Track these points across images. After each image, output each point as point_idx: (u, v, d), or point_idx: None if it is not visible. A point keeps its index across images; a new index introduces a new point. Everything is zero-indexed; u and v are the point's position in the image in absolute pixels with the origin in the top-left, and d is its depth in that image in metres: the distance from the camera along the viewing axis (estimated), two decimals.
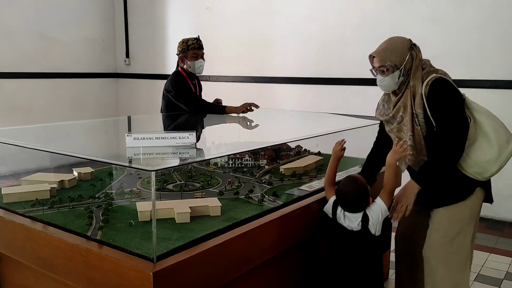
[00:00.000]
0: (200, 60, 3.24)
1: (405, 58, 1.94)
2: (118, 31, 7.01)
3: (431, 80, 1.91)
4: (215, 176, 2.43)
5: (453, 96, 1.91)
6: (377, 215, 1.92)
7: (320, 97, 5.19)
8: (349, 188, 1.96)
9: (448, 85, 1.92)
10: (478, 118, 1.95)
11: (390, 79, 1.97)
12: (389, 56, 1.95)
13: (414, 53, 1.96)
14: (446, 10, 4.32)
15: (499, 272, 3.20)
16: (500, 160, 1.93)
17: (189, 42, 3.22)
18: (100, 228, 1.61)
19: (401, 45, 1.97)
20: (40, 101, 6.17)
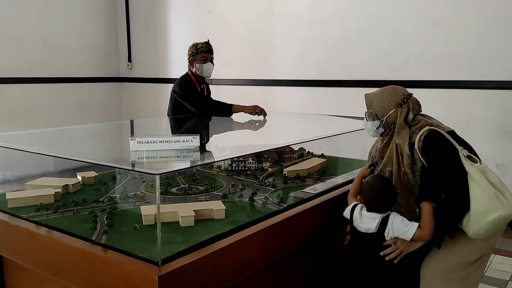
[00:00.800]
0: (208, 64, 3.26)
1: (388, 113, 1.94)
2: (121, 36, 7.04)
3: (424, 135, 1.87)
4: (219, 179, 2.43)
5: (446, 150, 1.85)
6: (398, 227, 1.83)
7: (322, 99, 5.19)
8: (379, 183, 1.91)
9: (440, 139, 1.86)
10: (469, 184, 1.81)
11: (370, 125, 2.00)
12: (374, 105, 1.97)
13: (401, 110, 1.92)
14: (448, 12, 4.32)
15: (505, 274, 3.19)
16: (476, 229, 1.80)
17: (199, 46, 3.27)
18: (105, 232, 1.62)
19: (390, 98, 1.95)
20: (45, 106, 6.19)
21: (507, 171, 4.23)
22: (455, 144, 1.85)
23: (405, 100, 1.94)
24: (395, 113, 1.93)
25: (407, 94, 1.97)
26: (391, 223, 1.84)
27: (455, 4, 4.31)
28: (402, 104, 1.93)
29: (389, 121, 1.95)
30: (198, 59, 3.25)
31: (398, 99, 1.94)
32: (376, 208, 1.89)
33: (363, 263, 1.92)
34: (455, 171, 1.81)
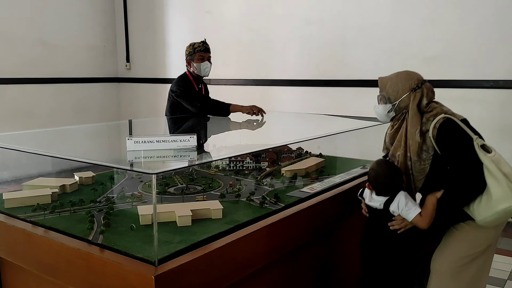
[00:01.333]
0: (206, 62, 3.28)
1: (401, 97, 1.92)
2: (119, 36, 7.04)
3: (439, 122, 1.86)
4: (217, 179, 2.43)
5: (462, 138, 1.85)
6: (401, 207, 1.88)
7: (320, 99, 5.20)
8: (384, 168, 1.95)
9: (456, 127, 1.86)
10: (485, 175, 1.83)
11: (381, 108, 1.99)
12: (387, 88, 1.96)
13: (414, 95, 1.91)
14: (446, 10, 4.32)
15: (503, 273, 3.19)
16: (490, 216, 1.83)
17: (196, 45, 3.29)
18: (102, 232, 1.61)
19: (405, 82, 1.93)
20: (43, 106, 6.19)
21: None
22: (469, 133, 1.85)
23: (420, 85, 1.92)
24: (408, 98, 1.91)
25: (422, 80, 1.95)
26: (397, 202, 1.89)
27: (453, 3, 4.31)
28: (416, 89, 1.91)
29: (401, 105, 1.93)
30: (196, 59, 3.26)
31: (412, 84, 1.92)
32: (384, 192, 1.94)
33: (373, 237, 2.01)
34: (471, 159, 1.81)
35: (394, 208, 1.91)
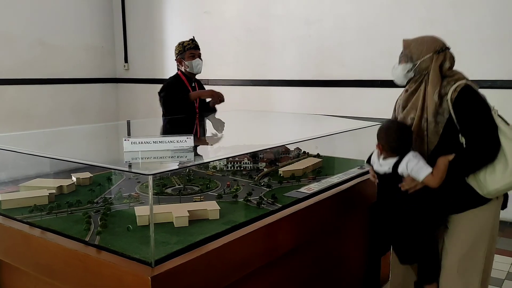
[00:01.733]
0: (197, 59, 3.29)
1: (424, 56, 1.92)
2: (117, 37, 7.04)
3: (460, 87, 1.86)
4: (214, 180, 2.43)
5: (481, 103, 1.88)
6: (411, 166, 1.87)
7: (318, 99, 5.20)
8: (394, 124, 1.97)
9: (476, 94, 1.89)
10: (502, 141, 1.85)
11: (400, 68, 1.99)
12: (411, 46, 1.97)
13: (437, 57, 1.91)
14: (444, 11, 4.33)
15: (501, 273, 3.19)
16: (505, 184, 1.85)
17: (185, 43, 3.29)
18: (99, 233, 1.61)
19: (430, 43, 1.95)
20: (41, 107, 6.18)
21: None
22: (488, 103, 1.88)
23: (444, 48, 1.94)
24: (430, 59, 1.92)
25: (446, 45, 1.97)
26: (406, 163, 1.88)
27: (451, 4, 4.32)
28: (439, 52, 1.92)
29: (422, 66, 1.93)
30: (186, 57, 3.27)
31: (437, 46, 1.94)
32: (396, 149, 1.91)
33: (386, 204, 2.02)
34: (488, 123, 1.83)
35: (402, 169, 1.88)
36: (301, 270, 2.12)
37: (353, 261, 2.52)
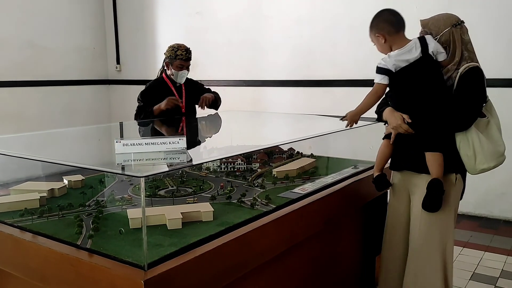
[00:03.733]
0: (184, 71, 3.27)
1: (443, 31, 2.03)
2: (109, 38, 6.99)
3: (472, 66, 1.98)
4: (208, 181, 2.41)
5: (482, 85, 2.00)
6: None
7: (311, 99, 5.20)
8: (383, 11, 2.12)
9: (482, 79, 2.01)
10: (491, 121, 2.03)
11: None
12: (429, 24, 2.08)
13: (455, 30, 2.02)
14: (436, 10, 4.32)
15: (494, 271, 3.21)
16: (490, 164, 2.00)
17: (178, 52, 3.23)
18: (90, 237, 1.59)
19: (446, 18, 2.07)
20: (32, 109, 6.13)
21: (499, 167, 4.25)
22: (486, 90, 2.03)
23: (460, 22, 2.05)
24: (449, 32, 2.02)
25: (460, 20, 2.07)
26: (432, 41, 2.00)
27: (443, 2, 4.33)
28: (456, 25, 2.03)
29: (442, 39, 2.03)
30: (175, 65, 3.24)
31: (453, 20, 2.05)
32: (398, 22, 2.03)
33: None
34: (478, 99, 1.99)
35: (433, 48, 1.99)
36: (296, 271, 2.11)
37: (348, 260, 2.51)
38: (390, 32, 2.03)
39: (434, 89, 2.00)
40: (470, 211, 4.44)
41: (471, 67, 1.98)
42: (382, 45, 2.07)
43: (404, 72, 1.99)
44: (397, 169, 2.21)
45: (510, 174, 4.21)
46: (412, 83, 2.01)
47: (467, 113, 1.98)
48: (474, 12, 4.20)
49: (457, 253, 3.50)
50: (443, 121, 1.99)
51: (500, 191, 4.28)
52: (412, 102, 2.03)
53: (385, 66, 2.02)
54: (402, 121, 2.02)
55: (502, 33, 4.14)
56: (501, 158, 2.02)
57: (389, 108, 2.11)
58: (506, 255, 3.46)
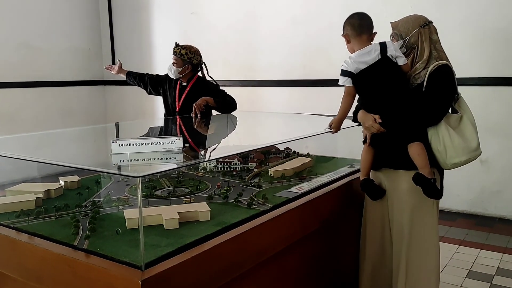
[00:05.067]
0: (170, 64, 3.42)
1: (411, 32, 2.10)
2: (104, 38, 6.98)
3: (441, 64, 2.05)
4: (204, 181, 2.41)
5: (451, 81, 2.07)
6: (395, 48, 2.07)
7: (307, 99, 5.21)
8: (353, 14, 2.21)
9: (451, 76, 2.08)
10: (464, 117, 2.08)
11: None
12: (399, 26, 2.16)
13: (424, 30, 2.09)
14: (430, 9, 4.35)
15: (490, 268, 3.22)
16: (461, 158, 2.05)
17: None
18: (87, 237, 1.59)
19: (414, 20, 2.13)
20: (28, 110, 6.10)
21: (491, 166, 4.28)
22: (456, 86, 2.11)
23: (428, 23, 2.12)
24: (418, 33, 2.10)
25: (429, 20, 2.14)
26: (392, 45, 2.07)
27: (436, 2, 4.36)
28: (424, 26, 2.10)
29: (411, 40, 2.11)
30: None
31: (421, 21, 2.12)
32: (361, 26, 2.11)
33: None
34: (448, 94, 2.05)
35: (391, 52, 2.05)
36: (293, 270, 2.11)
37: (345, 259, 2.51)
38: (352, 35, 2.13)
39: (396, 88, 2.07)
40: (465, 209, 4.46)
41: (440, 65, 2.05)
42: (347, 45, 2.19)
43: (364, 74, 2.06)
44: (376, 168, 2.24)
45: (505, 172, 4.24)
46: (373, 84, 2.07)
47: (436, 108, 2.04)
48: (466, 9, 4.23)
49: (453, 251, 3.52)
50: (413, 116, 2.04)
51: (495, 189, 4.30)
52: (376, 102, 2.09)
53: (346, 69, 2.11)
54: (374, 121, 2.06)
55: None
56: (474, 153, 2.06)
57: (362, 110, 2.16)
58: (501, 252, 3.48)
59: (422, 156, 2.03)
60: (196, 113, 3.20)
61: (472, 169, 4.28)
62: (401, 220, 2.13)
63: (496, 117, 4.22)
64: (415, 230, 2.11)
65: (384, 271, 2.26)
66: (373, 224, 2.27)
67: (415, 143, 2.04)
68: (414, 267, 2.12)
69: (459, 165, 2.06)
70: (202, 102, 3.24)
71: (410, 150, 2.05)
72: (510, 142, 4.18)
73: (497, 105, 4.22)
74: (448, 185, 4.21)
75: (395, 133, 2.07)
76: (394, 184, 2.15)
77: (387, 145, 2.12)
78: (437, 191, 2.03)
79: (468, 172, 4.26)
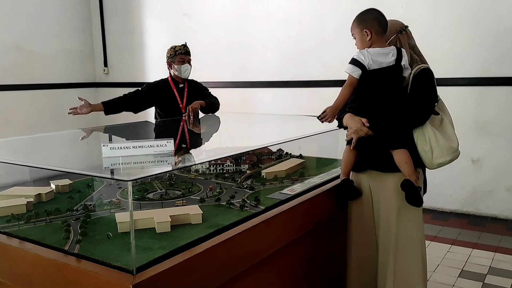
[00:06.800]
0: (186, 65, 3.40)
1: (389, 38, 2.13)
2: (96, 40, 6.95)
3: (424, 67, 2.10)
4: (196, 183, 2.41)
5: (433, 84, 2.11)
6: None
7: (300, 99, 5.21)
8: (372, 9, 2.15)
9: (433, 79, 2.12)
10: (444, 119, 2.15)
11: None
12: None
13: (401, 36, 2.13)
14: (421, 10, 4.38)
15: (483, 267, 3.24)
16: (446, 158, 2.09)
17: (177, 48, 3.40)
18: (78, 242, 1.58)
19: (391, 26, 2.12)
20: (19, 113, 6.06)
21: (482, 165, 4.31)
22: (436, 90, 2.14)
23: (404, 28, 2.16)
24: (396, 39, 2.14)
25: (404, 25, 2.18)
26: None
27: (428, 2, 4.38)
28: (401, 31, 2.14)
29: (390, 46, 2.11)
30: (176, 61, 3.38)
31: (397, 27, 2.15)
32: (385, 25, 2.06)
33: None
34: (431, 96, 2.09)
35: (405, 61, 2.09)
36: (287, 272, 2.11)
37: (339, 260, 2.51)
38: (378, 32, 2.06)
39: (396, 96, 2.08)
40: (458, 209, 4.48)
41: (422, 68, 2.09)
42: (365, 41, 2.07)
43: (374, 74, 2.03)
44: (361, 170, 2.24)
45: (497, 172, 4.27)
46: (377, 86, 2.05)
47: (423, 108, 2.08)
48: (458, 10, 4.26)
49: (446, 251, 3.54)
50: (400, 118, 2.07)
51: (487, 189, 4.33)
52: (373, 104, 2.09)
53: (362, 60, 2.03)
54: (362, 124, 2.07)
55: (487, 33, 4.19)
56: (456, 153, 2.11)
57: (349, 113, 2.16)
58: (493, 251, 3.50)
59: (409, 164, 2.05)
60: (189, 115, 3.21)
61: (464, 169, 4.32)
62: (388, 219, 2.14)
63: (487, 117, 4.25)
64: (402, 228, 2.12)
65: (370, 270, 2.27)
66: (358, 225, 2.28)
67: (401, 150, 2.06)
68: (403, 264, 2.13)
69: (443, 165, 2.10)
70: (197, 106, 3.26)
71: (396, 156, 2.07)
72: (501, 141, 4.22)
73: (488, 104, 4.25)
74: (441, 185, 4.26)
75: (382, 136, 2.08)
76: (381, 185, 2.17)
77: (374, 148, 2.13)
78: (420, 199, 2.05)
79: (460, 172, 4.29)
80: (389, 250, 2.15)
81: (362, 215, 2.26)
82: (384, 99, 2.07)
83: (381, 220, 2.18)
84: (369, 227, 2.24)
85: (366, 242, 2.26)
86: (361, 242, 2.28)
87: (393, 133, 2.08)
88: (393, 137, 2.08)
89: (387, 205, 2.14)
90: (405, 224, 2.12)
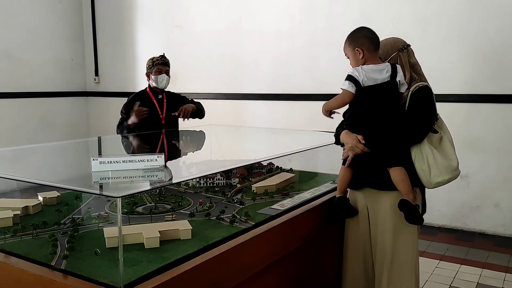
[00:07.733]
0: (163, 75, 3.40)
1: (390, 56, 2.16)
2: (87, 50, 6.93)
3: (423, 85, 2.10)
4: (186, 197, 2.39)
5: (432, 102, 2.13)
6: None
7: (290, 112, 5.23)
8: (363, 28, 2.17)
9: (432, 97, 2.13)
10: (444, 137, 2.13)
11: None
12: (379, 50, 2.14)
13: (402, 54, 2.16)
14: (411, 27, 4.44)
15: (470, 284, 3.25)
16: (444, 177, 2.08)
17: (154, 59, 3.42)
18: (65, 257, 1.55)
19: (393, 43, 2.18)
20: (7, 122, 6.00)
21: (471, 181, 4.35)
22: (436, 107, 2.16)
23: (406, 47, 2.18)
24: (397, 56, 2.16)
25: (407, 43, 2.21)
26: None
27: (418, 19, 4.45)
28: (403, 49, 2.17)
29: (390, 63, 2.13)
30: (154, 71, 3.41)
31: (399, 45, 2.18)
32: (377, 42, 2.09)
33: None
34: (430, 114, 2.10)
35: (401, 77, 2.10)
36: (278, 286, 2.10)
37: (330, 275, 2.51)
38: (369, 49, 2.08)
39: (393, 112, 2.08)
40: (446, 224, 4.51)
41: (421, 86, 2.09)
42: (358, 60, 2.10)
43: (369, 90, 2.05)
44: (357, 188, 2.24)
45: (485, 188, 4.31)
46: (373, 102, 2.06)
47: (420, 126, 2.07)
48: (447, 28, 4.32)
49: (434, 266, 3.55)
50: (397, 135, 2.06)
51: (475, 204, 4.37)
52: (369, 121, 2.09)
53: (356, 77, 2.06)
54: (358, 141, 2.07)
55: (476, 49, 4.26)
56: (455, 172, 2.10)
57: (345, 130, 2.16)
58: (481, 267, 3.52)
59: (406, 182, 2.04)
60: (179, 114, 3.25)
61: (452, 185, 4.30)
62: (384, 239, 2.14)
63: (475, 133, 4.30)
64: (397, 248, 2.12)
65: (366, 287, 2.27)
66: (355, 243, 2.28)
67: (398, 168, 2.06)
68: (397, 282, 2.13)
69: (442, 184, 2.09)
70: (190, 109, 3.33)
71: (393, 174, 2.06)
72: (489, 158, 4.26)
73: (476, 121, 4.30)
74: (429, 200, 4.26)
75: (379, 153, 2.08)
76: (377, 204, 2.17)
77: (370, 166, 2.13)
78: (420, 217, 2.05)
79: (449, 187, 4.28)
80: (383, 268, 2.15)
81: (358, 233, 2.25)
82: (380, 116, 2.07)
83: (378, 238, 2.17)
84: (366, 244, 2.24)
85: (362, 259, 2.26)
86: (357, 258, 2.27)
87: (389, 151, 2.07)
88: (390, 155, 2.08)
89: (383, 224, 2.14)
90: (401, 243, 2.12)
